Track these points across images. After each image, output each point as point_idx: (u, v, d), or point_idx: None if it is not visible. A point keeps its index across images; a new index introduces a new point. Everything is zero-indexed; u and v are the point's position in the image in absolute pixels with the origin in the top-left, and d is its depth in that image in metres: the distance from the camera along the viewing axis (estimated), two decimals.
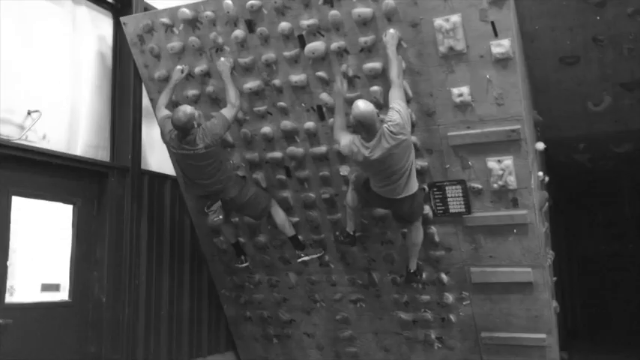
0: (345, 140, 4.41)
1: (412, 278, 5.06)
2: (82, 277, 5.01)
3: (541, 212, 5.07)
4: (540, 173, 5.12)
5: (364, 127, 4.28)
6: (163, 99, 4.94)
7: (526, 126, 4.53)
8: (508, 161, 4.55)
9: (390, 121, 4.23)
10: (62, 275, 4.89)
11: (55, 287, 4.82)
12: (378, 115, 4.34)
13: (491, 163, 4.60)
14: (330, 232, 5.40)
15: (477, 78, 4.40)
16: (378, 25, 4.46)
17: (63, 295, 4.88)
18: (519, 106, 4.40)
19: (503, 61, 4.30)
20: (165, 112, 4.82)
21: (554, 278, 5.73)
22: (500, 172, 4.59)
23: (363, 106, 4.25)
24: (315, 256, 5.43)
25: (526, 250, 4.82)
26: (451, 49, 4.35)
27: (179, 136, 4.60)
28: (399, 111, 4.23)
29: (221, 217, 4.88)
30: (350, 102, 4.49)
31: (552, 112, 5.57)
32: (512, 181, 4.58)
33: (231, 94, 4.75)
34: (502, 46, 4.26)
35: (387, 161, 4.30)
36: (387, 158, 4.28)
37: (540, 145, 5.04)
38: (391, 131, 4.22)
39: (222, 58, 4.90)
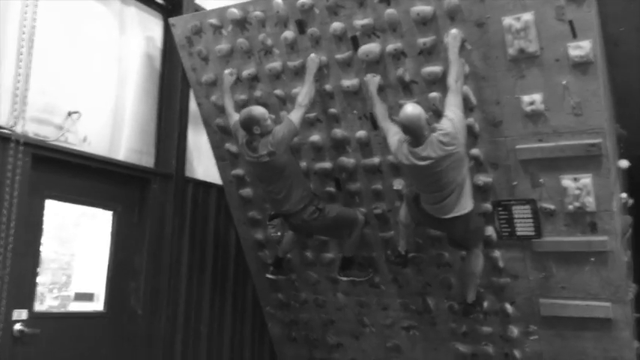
0: (394, 138, 4.04)
1: (470, 310, 4.55)
2: (118, 287, 4.80)
3: (623, 239, 4.47)
4: (624, 195, 4.52)
5: (410, 133, 3.89)
6: (227, 105, 4.73)
7: (608, 140, 3.96)
8: (586, 180, 3.99)
9: (440, 130, 3.80)
10: (97, 285, 4.70)
11: (89, 297, 4.62)
12: (429, 124, 3.91)
13: (567, 182, 4.05)
14: (381, 250, 4.96)
15: (552, 84, 3.88)
16: (439, 24, 4.03)
17: (97, 305, 4.68)
18: (600, 117, 3.85)
19: (582, 66, 3.77)
20: (236, 116, 4.55)
21: (636, 315, 5.07)
22: (577, 192, 4.03)
23: (410, 109, 3.86)
24: (359, 279, 4.97)
25: (605, 282, 4.23)
26: (522, 51, 3.86)
27: (247, 141, 4.36)
28: (452, 119, 3.79)
29: (279, 233, 4.58)
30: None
31: (638, 127, 4.93)
32: (590, 202, 4.02)
33: (302, 93, 4.37)
34: (581, 48, 3.72)
35: (434, 173, 3.87)
36: (433, 169, 3.85)
37: (624, 163, 4.43)
38: (440, 141, 3.79)
39: (312, 55, 4.50)
